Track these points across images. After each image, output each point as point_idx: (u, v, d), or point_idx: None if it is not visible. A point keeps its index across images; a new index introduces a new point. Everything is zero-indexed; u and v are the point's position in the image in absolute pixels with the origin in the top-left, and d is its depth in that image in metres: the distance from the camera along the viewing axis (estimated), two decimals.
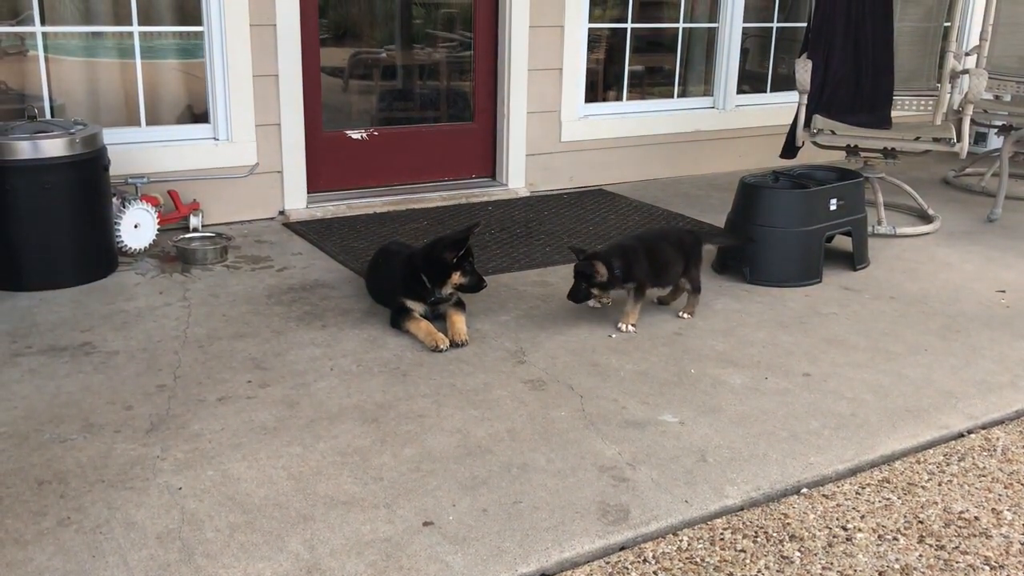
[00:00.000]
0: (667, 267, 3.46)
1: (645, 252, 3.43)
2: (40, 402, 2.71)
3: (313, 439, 2.54)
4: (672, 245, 3.50)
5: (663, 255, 3.46)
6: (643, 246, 3.45)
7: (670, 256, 3.47)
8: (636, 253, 3.41)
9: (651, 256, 3.43)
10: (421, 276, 3.28)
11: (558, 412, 2.73)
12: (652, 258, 3.43)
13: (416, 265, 3.30)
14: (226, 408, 2.70)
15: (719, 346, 3.25)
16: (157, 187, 4.26)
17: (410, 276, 3.31)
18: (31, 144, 3.55)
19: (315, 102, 4.76)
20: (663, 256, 3.46)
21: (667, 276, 3.49)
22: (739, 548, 2.16)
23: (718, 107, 5.94)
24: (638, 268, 3.37)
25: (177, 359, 3.02)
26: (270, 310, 3.46)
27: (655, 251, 3.45)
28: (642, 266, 3.39)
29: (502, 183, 5.31)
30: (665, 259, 3.46)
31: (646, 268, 3.40)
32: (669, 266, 3.47)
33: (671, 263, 3.46)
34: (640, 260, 3.40)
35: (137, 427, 2.58)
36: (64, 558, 2.02)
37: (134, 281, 3.75)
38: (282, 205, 4.68)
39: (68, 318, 3.34)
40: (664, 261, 3.45)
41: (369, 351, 3.13)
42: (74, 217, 3.68)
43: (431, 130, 5.27)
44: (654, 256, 3.44)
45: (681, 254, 3.48)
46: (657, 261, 3.44)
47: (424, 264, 3.28)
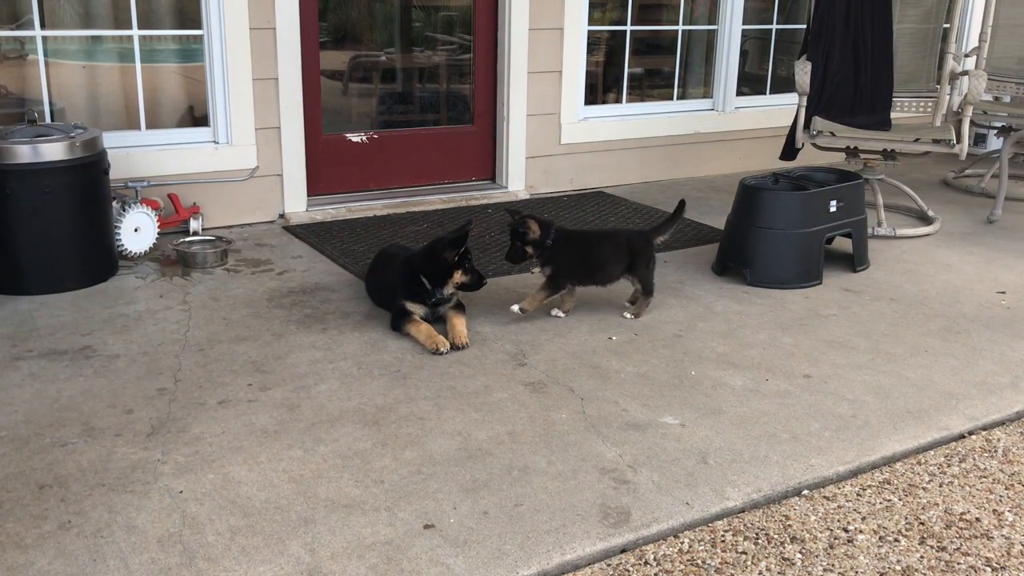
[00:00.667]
0: (601, 266, 3.43)
1: (578, 245, 3.45)
2: (41, 406, 2.71)
3: (314, 442, 2.54)
4: (614, 245, 3.48)
5: (599, 254, 3.45)
6: (580, 239, 3.49)
7: (607, 256, 3.44)
8: (570, 241, 3.42)
9: (584, 250, 3.44)
10: (420, 278, 3.28)
11: (559, 414, 2.73)
12: (584, 253, 3.43)
13: (415, 267, 3.31)
14: (227, 411, 2.70)
15: (720, 348, 3.25)
16: (157, 190, 4.27)
17: (409, 278, 3.31)
18: (31, 148, 3.55)
19: (315, 105, 4.77)
20: (598, 255, 3.45)
21: (598, 275, 3.46)
22: (740, 550, 2.16)
23: (718, 109, 5.94)
24: (563, 254, 3.37)
25: (178, 363, 3.02)
26: (271, 313, 3.46)
27: (591, 247, 3.47)
28: (568, 255, 3.38)
29: (502, 186, 5.31)
30: (600, 258, 3.44)
31: (572, 258, 3.39)
32: (604, 266, 3.44)
33: (607, 263, 3.44)
34: (569, 249, 3.39)
35: (138, 431, 2.58)
36: (65, 562, 2.02)
37: (134, 285, 3.75)
38: (282, 208, 4.68)
39: (68, 322, 3.34)
40: (598, 260, 3.43)
41: (370, 354, 3.13)
42: (74, 221, 3.68)
43: (431, 133, 5.28)
44: (588, 252, 3.44)
45: (625, 254, 3.45)
46: (589, 257, 3.43)
47: (424, 265, 3.29)
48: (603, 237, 3.64)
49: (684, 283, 3.91)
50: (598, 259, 3.46)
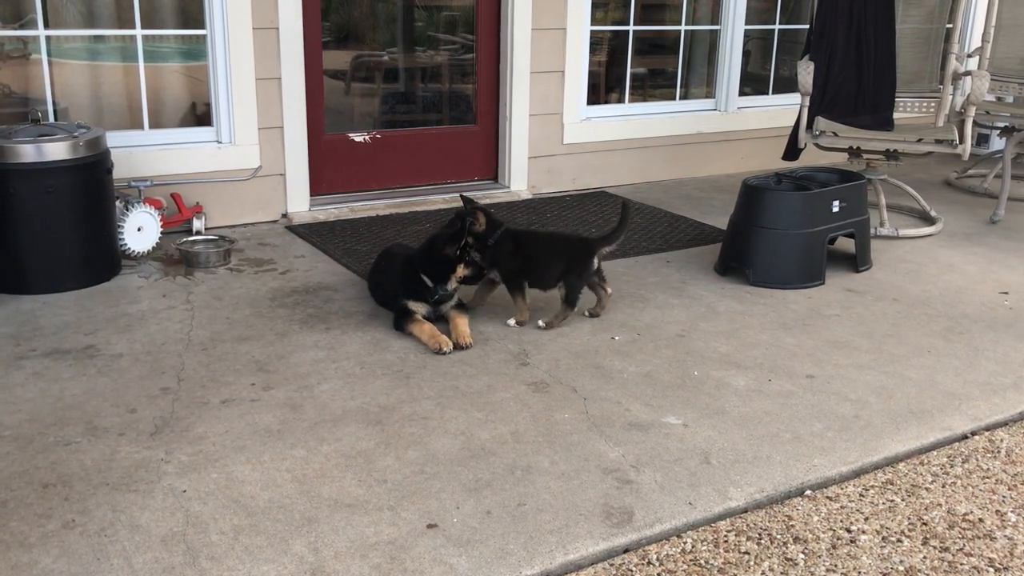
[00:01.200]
0: (544, 269, 3.39)
1: (520, 245, 3.40)
2: (44, 405, 2.71)
3: (317, 441, 2.55)
4: (556, 250, 3.44)
5: (542, 257, 3.41)
6: (523, 239, 3.45)
7: (550, 260, 3.40)
8: (513, 240, 3.38)
9: (525, 251, 3.39)
10: (421, 276, 3.29)
11: (561, 414, 2.74)
12: (524, 253, 3.39)
13: (416, 265, 3.31)
14: (230, 411, 2.71)
15: (722, 348, 3.25)
16: (160, 190, 4.27)
17: (410, 277, 3.31)
18: (35, 147, 3.56)
19: (318, 105, 4.77)
20: (542, 257, 3.40)
21: (541, 278, 3.41)
22: (743, 550, 2.16)
23: (720, 109, 5.94)
24: (504, 254, 3.35)
25: (181, 362, 3.02)
26: (273, 313, 3.47)
27: (531, 249, 3.42)
28: (508, 254, 3.36)
29: (504, 185, 5.31)
30: (544, 261, 3.39)
31: (512, 258, 3.36)
32: (546, 268, 3.39)
33: (549, 266, 3.39)
34: (510, 248, 3.36)
35: (141, 430, 2.58)
36: (69, 561, 2.03)
37: (137, 284, 3.76)
38: (285, 208, 4.68)
39: (72, 321, 3.35)
40: (542, 263, 3.39)
41: (372, 353, 3.13)
42: (77, 220, 3.68)
43: (433, 133, 5.28)
44: (528, 253, 3.40)
45: (563, 259, 3.39)
46: (529, 258, 3.39)
47: (424, 263, 3.29)
48: (545, 239, 3.61)
49: (686, 283, 3.91)
50: (537, 261, 3.40)
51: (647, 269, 4.08)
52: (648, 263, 4.16)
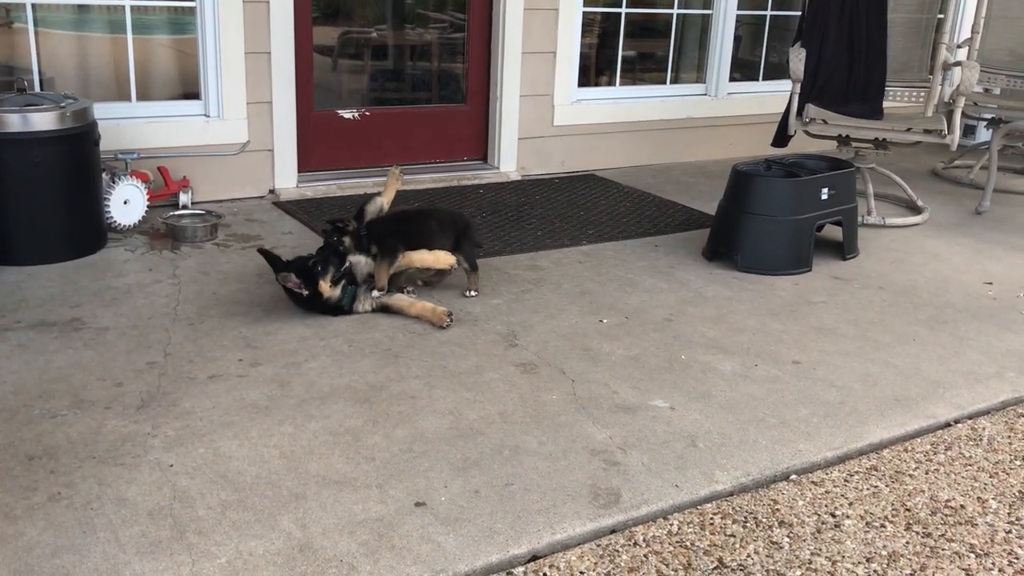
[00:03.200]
0: (427, 239, 3.40)
1: (398, 221, 3.51)
2: (29, 377, 2.70)
3: (305, 418, 2.54)
4: (437, 222, 3.52)
5: (422, 227, 3.46)
6: (398, 216, 3.59)
7: (432, 230, 3.46)
8: (385, 221, 3.50)
9: (405, 225, 3.47)
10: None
11: (549, 395, 2.74)
12: (405, 227, 3.45)
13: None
14: (217, 386, 2.70)
15: (709, 332, 3.26)
16: (147, 163, 4.23)
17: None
18: (21, 117, 3.51)
19: (307, 80, 4.74)
20: (422, 228, 3.45)
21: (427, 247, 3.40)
22: (729, 533, 2.18)
23: (710, 94, 5.94)
24: (379, 229, 3.40)
25: (167, 336, 3.01)
26: (260, 289, 3.45)
27: (412, 223, 3.50)
28: (388, 229, 3.41)
29: (494, 166, 5.29)
30: (425, 232, 3.43)
31: (393, 232, 3.39)
32: (430, 239, 3.41)
33: (433, 237, 3.43)
34: (387, 225, 3.46)
35: (128, 404, 2.57)
36: (55, 533, 2.02)
37: (123, 257, 3.73)
38: (272, 184, 4.65)
39: (57, 293, 3.32)
40: (423, 233, 3.42)
41: (360, 332, 3.13)
42: (64, 192, 3.64)
43: (423, 111, 5.25)
44: (409, 226, 3.46)
45: (450, 231, 3.47)
46: (413, 231, 3.42)
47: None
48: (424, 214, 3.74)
49: (675, 267, 3.92)
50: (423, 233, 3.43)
51: (635, 253, 4.08)
52: (636, 247, 4.17)
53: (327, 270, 3.17)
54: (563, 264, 3.89)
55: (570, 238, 4.24)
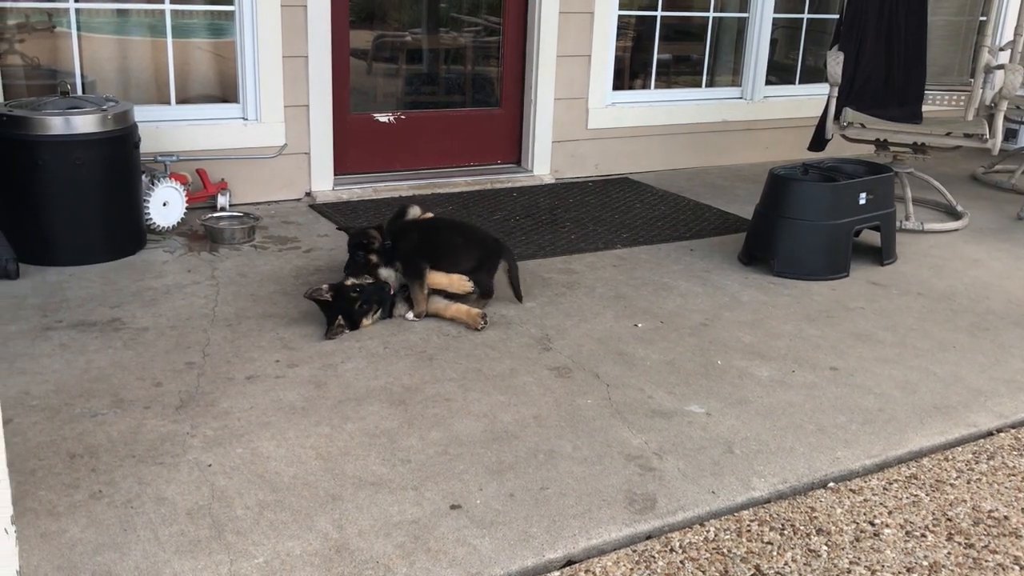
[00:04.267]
0: (449, 256, 3.33)
1: (423, 233, 3.42)
2: (71, 376, 2.73)
3: (341, 420, 2.56)
4: (464, 240, 3.42)
5: (447, 244, 3.39)
6: (425, 227, 3.50)
7: (456, 247, 3.38)
8: (410, 232, 3.41)
9: (429, 239, 3.39)
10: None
11: (584, 400, 2.73)
12: (430, 241, 3.37)
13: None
14: (255, 387, 2.72)
15: (746, 338, 3.23)
16: (186, 165, 4.27)
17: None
18: (63, 120, 3.56)
19: (343, 84, 4.76)
20: (446, 245, 3.38)
21: (448, 263, 3.32)
22: (766, 540, 2.16)
23: (746, 98, 5.90)
24: (408, 245, 3.33)
25: (206, 337, 3.04)
26: (297, 291, 3.47)
27: (438, 237, 3.42)
28: (413, 244, 3.33)
29: (527, 169, 5.29)
30: (449, 248, 3.36)
31: (418, 248, 3.32)
32: (452, 256, 3.34)
33: (456, 255, 3.35)
34: (413, 239, 3.36)
35: (167, 403, 2.60)
36: (96, 531, 2.04)
37: (162, 259, 3.77)
38: (309, 187, 4.69)
39: (97, 294, 3.36)
40: (447, 250, 3.35)
41: (396, 334, 3.14)
42: (104, 193, 3.69)
43: (457, 115, 5.26)
44: (433, 241, 3.38)
45: (474, 251, 3.37)
46: (436, 247, 3.35)
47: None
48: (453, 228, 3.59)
49: (710, 272, 3.90)
50: (447, 248, 3.36)
51: (670, 257, 4.06)
52: (671, 251, 4.15)
53: (371, 309, 3.18)
54: (597, 268, 3.88)
55: (604, 241, 4.23)
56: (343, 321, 3.10)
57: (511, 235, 4.22)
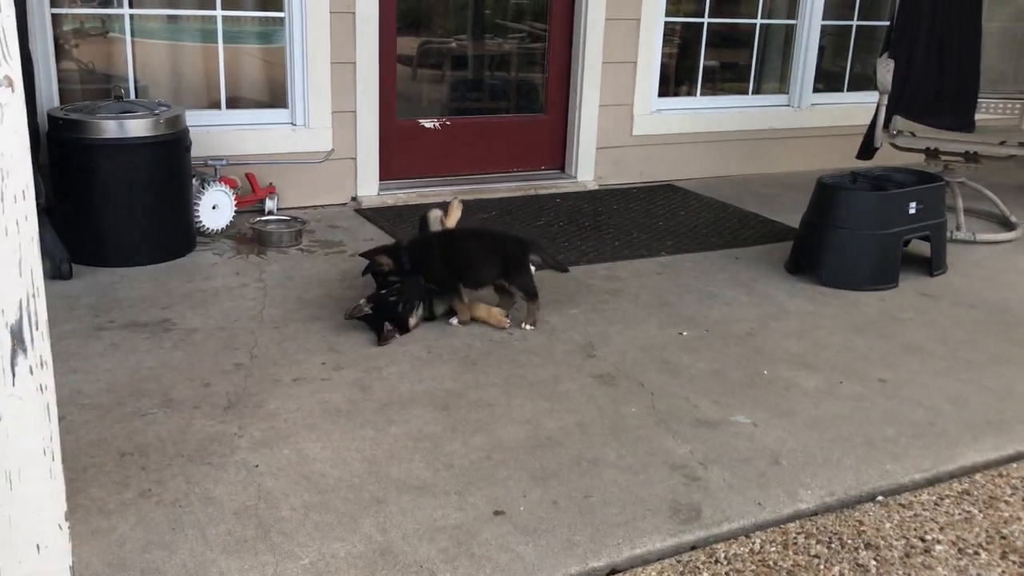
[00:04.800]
0: (470, 267, 3.25)
1: (443, 246, 3.29)
2: (122, 375, 2.78)
3: (385, 423, 2.56)
4: (483, 248, 3.29)
5: (466, 254, 3.28)
6: (444, 239, 3.34)
7: (476, 257, 3.27)
8: (429, 246, 3.28)
9: (449, 250, 3.27)
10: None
11: (628, 408, 2.72)
12: (450, 254, 3.25)
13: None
14: (301, 389, 2.74)
15: (792, 348, 3.19)
16: (235, 169, 4.33)
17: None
18: (117, 124, 3.63)
19: (390, 90, 4.79)
20: (466, 256, 3.27)
21: (472, 276, 3.26)
22: (813, 553, 2.13)
23: (793, 105, 5.84)
24: (432, 264, 3.22)
25: (254, 339, 3.07)
26: (343, 294, 3.50)
27: (456, 248, 3.29)
28: (433, 259, 3.22)
29: (571, 175, 5.29)
30: (469, 259, 3.27)
31: (443, 264, 3.22)
32: (473, 267, 3.25)
33: (478, 265, 3.26)
34: (433, 253, 3.24)
35: (215, 404, 2.63)
36: (145, 529, 2.07)
37: (211, 261, 3.82)
38: (355, 191, 4.72)
39: (148, 295, 3.41)
40: (467, 261, 3.26)
41: (439, 338, 3.14)
42: (156, 196, 3.75)
43: (502, 121, 5.27)
44: (453, 252, 3.26)
45: (497, 257, 3.24)
46: (458, 259, 3.25)
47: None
48: (471, 236, 3.45)
49: (756, 280, 3.86)
50: (467, 259, 3.27)
51: (716, 265, 4.03)
52: (717, 259, 4.12)
53: (414, 307, 3.17)
54: (641, 275, 3.86)
55: (648, 249, 4.20)
56: (391, 327, 3.11)
57: (554, 241, 4.21)
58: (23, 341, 1.45)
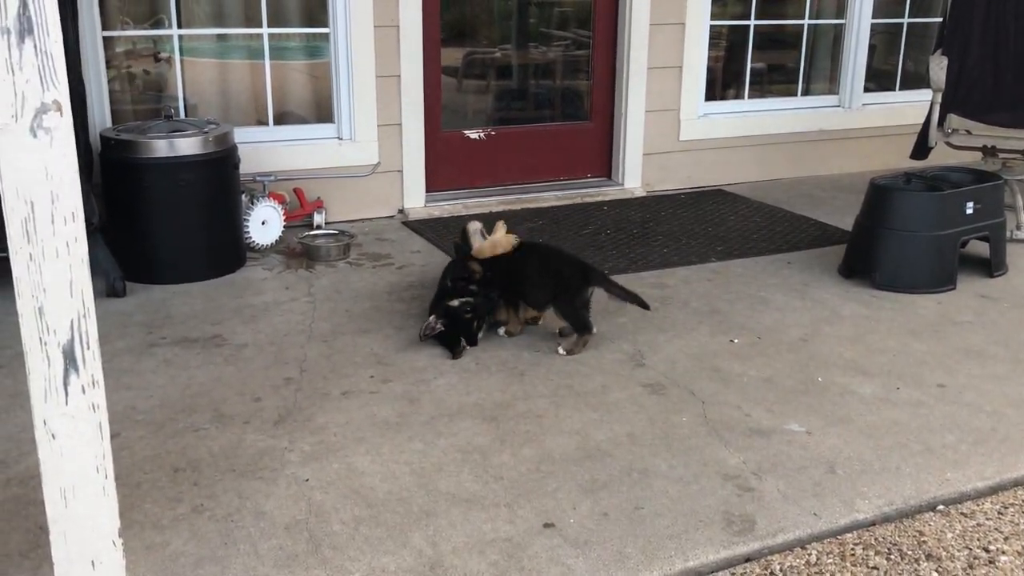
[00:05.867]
0: (520, 289, 3.20)
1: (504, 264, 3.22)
2: (174, 391, 2.82)
3: (434, 436, 2.57)
4: (537, 271, 3.21)
5: (526, 271, 3.22)
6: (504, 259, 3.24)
7: (529, 279, 3.20)
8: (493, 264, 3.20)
9: (506, 268, 3.21)
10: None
11: (679, 417, 2.69)
12: (505, 272, 3.21)
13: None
14: (350, 402, 2.76)
15: (847, 353, 3.13)
16: (283, 185, 4.38)
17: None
18: (167, 143, 3.70)
19: (435, 102, 4.82)
20: (526, 272, 3.21)
21: (527, 295, 3.20)
22: (871, 565, 2.08)
23: (843, 106, 5.75)
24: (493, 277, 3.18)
25: (303, 353, 3.10)
26: (391, 307, 3.52)
27: (512, 268, 3.22)
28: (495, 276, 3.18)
29: (618, 183, 5.26)
30: (521, 279, 3.20)
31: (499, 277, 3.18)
32: (530, 286, 3.20)
33: (528, 287, 3.20)
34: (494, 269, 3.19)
35: (265, 418, 2.65)
36: (198, 544, 2.10)
37: (261, 276, 3.87)
38: (401, 204, 4.75)
39: (199, 311, 3.47)
40: (519, 282, 3.20)
41: (487, 350, 3.14)
42: (206, 213, 3.81)
43: (547, 129, 5.27)
44: (508, 271, 3.21)
45: (549, 284, 3.17)
46: (511, 278, 3.20)
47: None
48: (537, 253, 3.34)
49: (809, 285, 3.80)
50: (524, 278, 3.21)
51: (767, 270, 3.98)
52: (768, 264, 4.06)
53: (484, 323, 3.17)
54: (691, 282, 3.82)
55: (697, 255, 4.16)
56: (465, 342, 3.10)
57: (602, 249, 4.19)
58: (75, 361, 1.47)
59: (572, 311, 3.16)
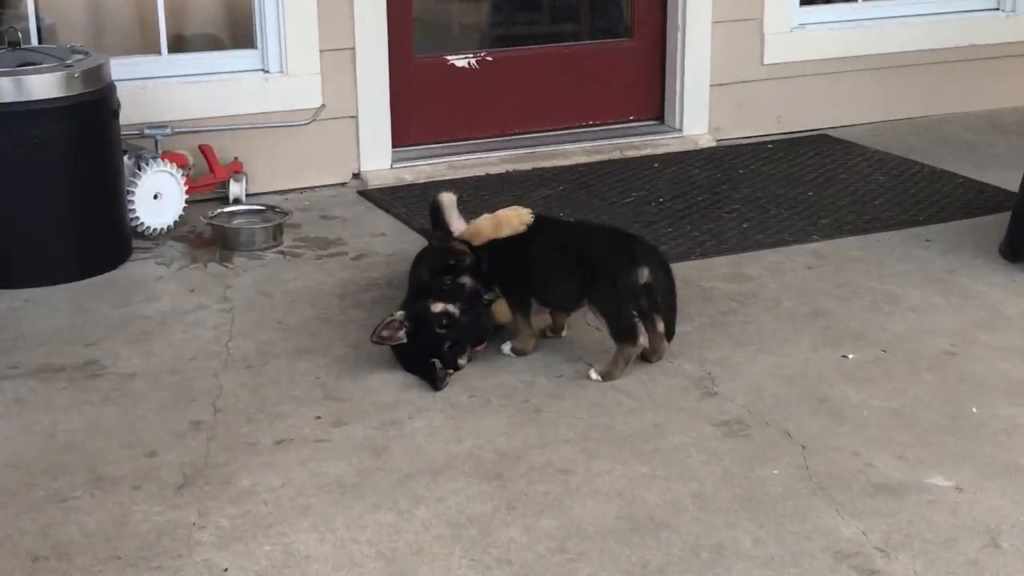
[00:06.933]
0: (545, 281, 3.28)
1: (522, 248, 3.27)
2: (31, 445, 2.84)
3: (410, 502, 2.59)
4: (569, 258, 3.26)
5: (545, 262, 3.27)
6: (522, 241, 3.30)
7: (556, 269, 3.27)
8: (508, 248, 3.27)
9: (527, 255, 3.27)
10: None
11: (768, 470, 2.71)
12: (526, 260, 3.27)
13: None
14: (287, 455, 2.78)
15: (1014, 372, 3.16)
16: (184, 140, 4.40)
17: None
18: (13, 82, 3.70)
19: (404, 16, 4.85)
20: (544, 265, 3.27)
21: (543, 291, 3.29)
22: None
23: (1004, 9, 5.78)
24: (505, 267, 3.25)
25: (217, 385, 3.12)
26: (344, 315, 3.54)
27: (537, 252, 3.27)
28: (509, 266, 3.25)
29: (673, 128, 5.29)
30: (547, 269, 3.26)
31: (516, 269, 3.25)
32: (549, 280, 3.28)
33: (554, 279, 3.27)
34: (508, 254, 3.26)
35: (164, 481, 2.67)
36: None
37: (155, 274, 3.90)
38: (357, 165, 4.78)
39: (66, 326, 3.49)
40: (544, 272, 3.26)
41: (486, 375, 3.17)
42: (72, 184, 3.83)
43: (568, 52, 5.30)
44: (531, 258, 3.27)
45: (577, 275, 3.23)
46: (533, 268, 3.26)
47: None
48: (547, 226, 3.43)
49: (956, 273, 3.82)
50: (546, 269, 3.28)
51: (894, 252, 4.01)
52: (896, 243, 4.09)
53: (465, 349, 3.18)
54: (783, 271, 3.85)
55: (792, 232, 4.19)
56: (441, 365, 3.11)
57: (651, 226, 4.22)
58: None
59: (612, 307, 3.17)
